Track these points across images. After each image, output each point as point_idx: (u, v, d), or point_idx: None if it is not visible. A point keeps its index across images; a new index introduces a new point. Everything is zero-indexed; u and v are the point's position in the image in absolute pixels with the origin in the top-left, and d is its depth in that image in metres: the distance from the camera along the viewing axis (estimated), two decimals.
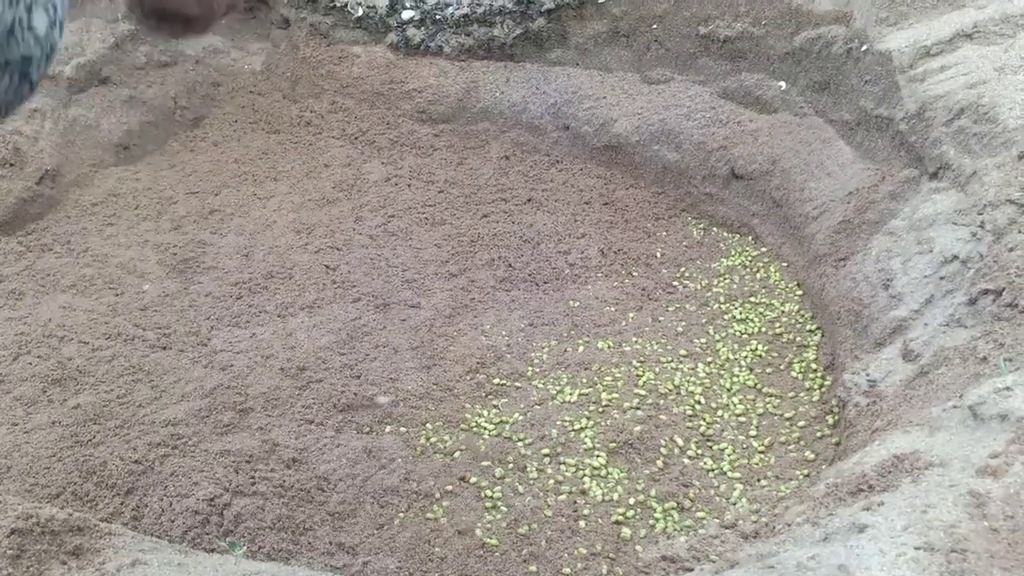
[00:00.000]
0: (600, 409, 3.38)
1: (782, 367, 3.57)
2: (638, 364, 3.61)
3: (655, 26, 5.01)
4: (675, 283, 4.13)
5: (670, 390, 3.47)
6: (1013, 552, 1.66)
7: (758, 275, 4.13)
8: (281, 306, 3.93)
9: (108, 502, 2.88)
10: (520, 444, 3.24)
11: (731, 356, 3.64)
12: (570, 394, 3.46)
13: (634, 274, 4.20)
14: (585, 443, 3.22)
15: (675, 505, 2.98)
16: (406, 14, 5.49)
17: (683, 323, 3.86)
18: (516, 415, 3.38)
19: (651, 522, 2.93)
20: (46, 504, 2.39)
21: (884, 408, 2.73)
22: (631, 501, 2.99)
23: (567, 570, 2.75)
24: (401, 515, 2.93)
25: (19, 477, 2.94)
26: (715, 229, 4.54)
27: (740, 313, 3.88)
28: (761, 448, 3.21)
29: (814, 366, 3.54)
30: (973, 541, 1.69)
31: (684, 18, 4.91)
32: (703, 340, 3.75)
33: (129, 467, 2.98)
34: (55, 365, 3.44)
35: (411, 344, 3.71)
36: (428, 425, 3.33)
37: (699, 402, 3.41)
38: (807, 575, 1.77)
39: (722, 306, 3.94)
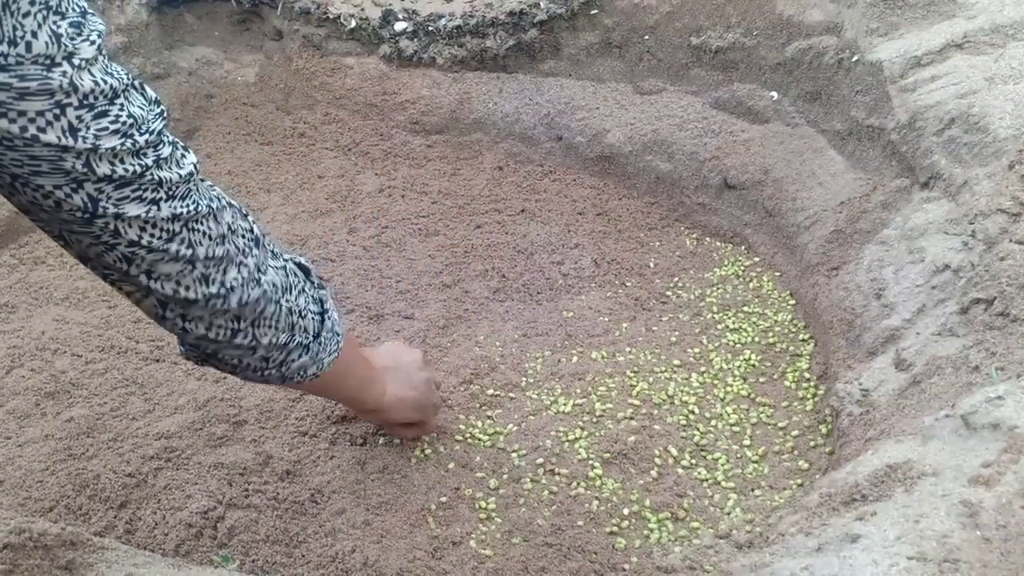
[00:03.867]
0: (594, 419, 3.38)
1: (775, 376, 3.58)
2: (632, 374, 3.61)
3: (647, 37, 5.03)
4: (668, 293, 4.14)
5: (664, 400, 3.47)
6: (1006, 561, 1.66)
7: (751, 285, 4.14)
8: None
9: (101, 516, 2.87)
10: (514, 455, 3.23)
11: (724, 366, 3.65)
12: (564, 404, 3.46)
13: (627, 284, 4.20)
14: (579, 453, 3.22)
15: (669, 515, 2.98)
16: (399, 25, 5.50)
17: (676, 333, 3.86)
18: (510, 426, 3.38)
19: (645, 532, 2.93)
20: (39, 518, 2.38)
21: (877, 417, 2.74)
22: (625, 512, 2.99)
23: None
24: (396, 527, 2.93)
25: (12, 491, 2.93)
26: (708, 239, 4.55)
27: (733, 323, 3.89)
28: (755, 458, 3.21)
29: (807, 375, 3.54)
30: (965, 551, 1.69)
31: (676, 29, 4.93)
32: (696, 350, 3.75)
33: (122, 480, 2.96)
34: (48, 378, 3.43)
35: None
36: (423, 436, 3.33)
37: (693, 412, 3.42)
38: None
39: (715, 316, 3.95)
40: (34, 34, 1.22)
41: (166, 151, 1.56)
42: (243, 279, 1.78)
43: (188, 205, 1.60)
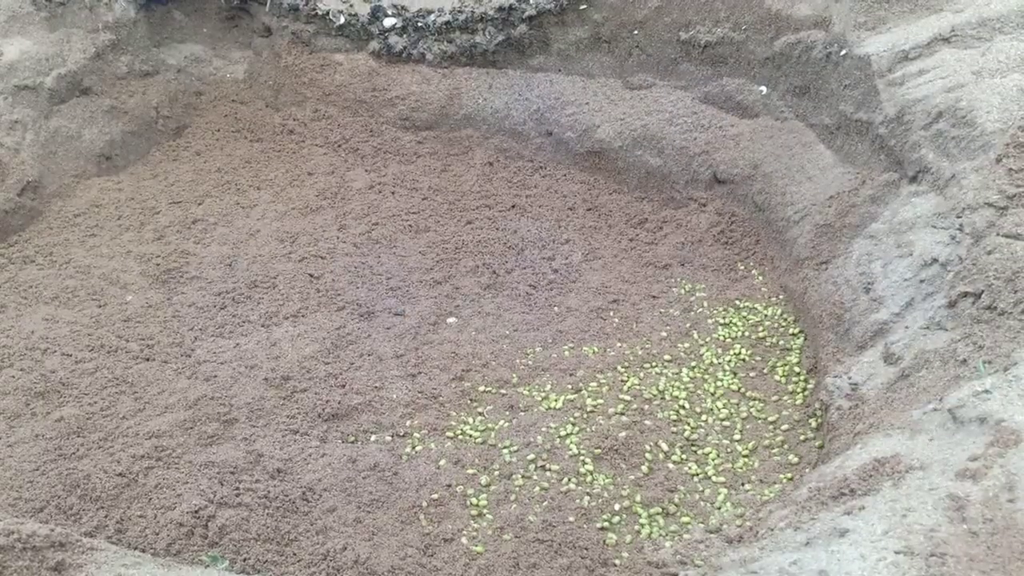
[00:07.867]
0: (585, 415, 3.39)
1: (765, 371, 3.59)
2: (623, 369, 3.62)
3: (636, 32, 5.03)
4: (659, 287, 4.14)
5: (655, 395, 3.48)
6: (992, 555, 1.67)
7: (741, 279, 4.14)
8: (265, 315, 3.92)
9: (92, 515, 2.86)
10: (506, 451, 3.24)
11: (715, 360, 3.66)
12: (555, 400, 3.46)
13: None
14: (570, 449, 3.22)
15: (660, 510, 2.99)
16: (388, 22, 5.49)
17: (667, 328, 3.87)
18: (501, 422, 3.38)
19: (636, 527, 2.93)
20: (29, 519, 2.38)
21: (866, 411, 2.75)
22: (616, 507, 3.00)
23: None
24: (387, 524, 2.93)
25: (2, 491, 2.92)
26: None
27: (723, 317, 3.89)
28: (745, 452, 3.22)
29: (797, 369, 3.55)
30: (952, 544, 1.70)
31: (665, 24, 4.93)
32: (687, 345, 3.76)
33: (113, 480, 2.96)
34: (38, 378, 3.42)
35: (396, 352, 3.71)
36: (414, 434, 3.33)
37: (683, 407, 3.42)
38: None
39: (706, 310, 3.95)
40: None
41: None
42: None
43: None
